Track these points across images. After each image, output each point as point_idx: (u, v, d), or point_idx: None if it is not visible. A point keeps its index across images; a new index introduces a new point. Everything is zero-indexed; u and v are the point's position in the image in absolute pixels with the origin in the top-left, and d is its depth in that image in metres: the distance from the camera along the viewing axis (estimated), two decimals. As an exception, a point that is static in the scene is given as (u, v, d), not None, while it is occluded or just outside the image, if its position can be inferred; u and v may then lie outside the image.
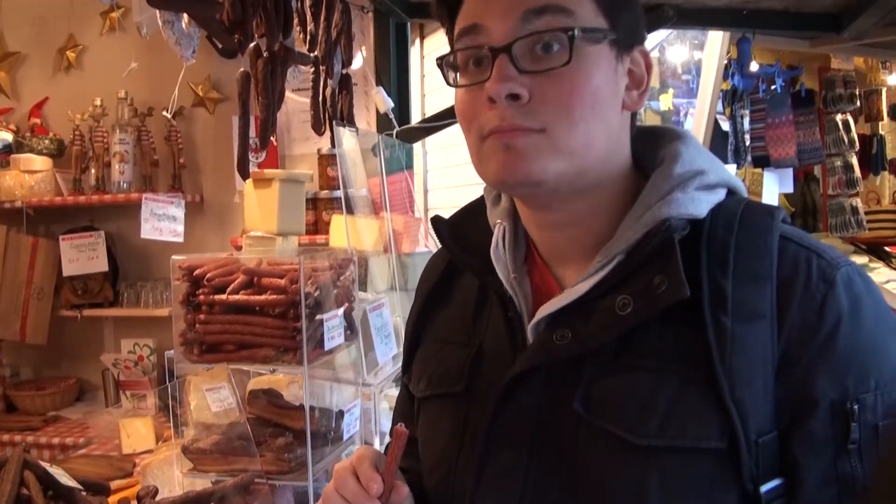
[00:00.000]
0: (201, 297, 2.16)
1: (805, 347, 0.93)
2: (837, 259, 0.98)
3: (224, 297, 2.14)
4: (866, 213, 4.91)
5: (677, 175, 1.02)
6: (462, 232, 1.20)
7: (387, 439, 2.55)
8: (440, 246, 1.29)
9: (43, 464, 2.16)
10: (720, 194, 1.04)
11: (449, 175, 4.39)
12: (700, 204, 1.01)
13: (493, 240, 1.13)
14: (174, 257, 2.24)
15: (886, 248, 4.71)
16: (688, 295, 0.93)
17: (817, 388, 0.92)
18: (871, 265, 4.51)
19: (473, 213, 1.23)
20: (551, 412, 1.01)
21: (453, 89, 1.07)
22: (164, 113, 3.87)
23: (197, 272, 2.18)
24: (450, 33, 1.09)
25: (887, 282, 4.21)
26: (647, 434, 0.93)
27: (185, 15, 2.28)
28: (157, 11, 2.24)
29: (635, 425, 0.94)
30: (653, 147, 1.11)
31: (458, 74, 1.04)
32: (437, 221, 1.22)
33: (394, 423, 1.43)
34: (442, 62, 1.05)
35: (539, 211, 1.08)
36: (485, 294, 1.17)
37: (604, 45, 0.99)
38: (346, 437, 2.36)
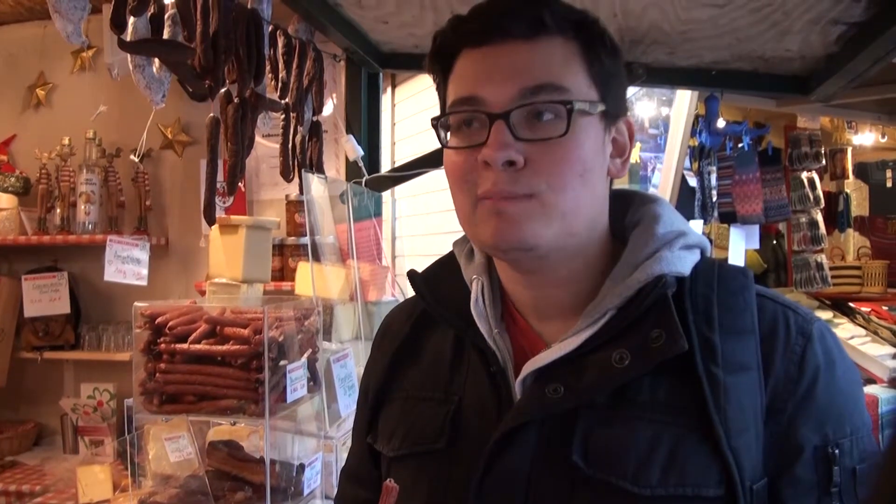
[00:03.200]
0: (162, 345, 2.12)
1: (789, 397, 0.98)
2: (810, 315, 1.05)
3: (185, 346, 2.11)
4: (831, 269, 4.95)
5: (661, 235, 1.06)
6: (438, 287, 1.20)
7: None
8: (407, 296, 1.28)
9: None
10: (697, 254, 1.08)
11: (417, 223, 4.38)
12: (685, 263, 1.05)
13: (472, 295, 1.14)
14: (136, 304, 2.20)
15: (850, 304, 4.75)
16: (686, 348, 0.97)
17: (801, 435, 0.97)
18: (836, 321, 4.53)
19: (446, 268, 1.23)
20: (545, 467, 1.00)
21: (423, 138, 1.09)
22: (132, 156, 3.84)
23: (159, 320, 2.15)
24: (440, 89, 1.12)
25: (851, 337, 4.23)
26: (649, 484, 0.94)
27: (157, 59, 2.27)
28: (129, 55, 2.23)
29: (637, 475, 0.95)
30: (623, 210, 1.14)
31: (448, 134, 1.06)
32: (413, 276, 1.22)
33: (339, 486, 1.39)
34: (437, 123, 1.07)
35: (525, 274, 1.09)
36: (460, 349, 1.16)
37: (595, 116, 1.02)
38: (306, 492, 2.32)
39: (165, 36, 2.17)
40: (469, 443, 1.07)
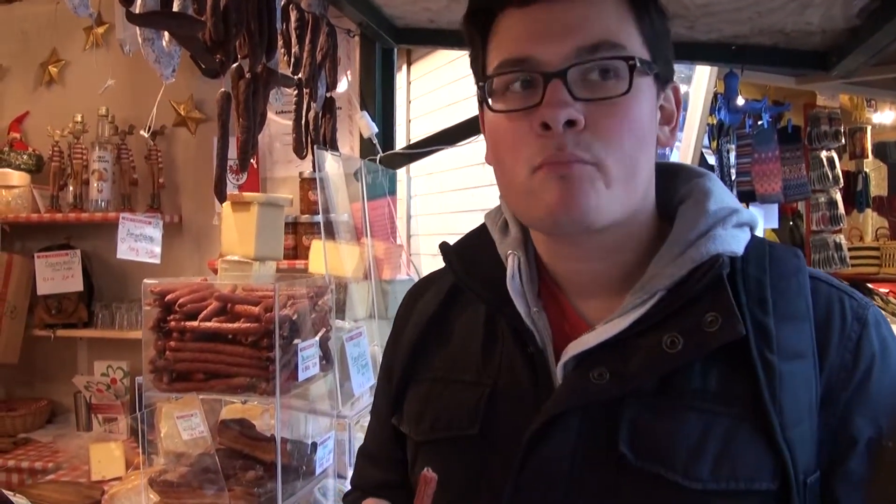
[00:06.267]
0: (172, 323, 2.10)
1: (844, 387, 0.94)
2: (865, 300, 1.01)
3: (196, 323, 2.08)
4: (849, 250, 4.92)
5: (713, 212, 1.01)
6: (471, 261, 1.14)
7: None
8: (421, 275, 1.23)
9: (6, 493, 2.09)
10: (748, 233, 1.03)
11: (433, 202, 4.35)
12: (739, 242, 0.99)
13: (509, 271, 1.08)
14: (146, 281, 2.18)
15: (869, 285, 4.72)
16: (743, 333, 0.92)
17: (855, 427, 0.93)
18: (854, 302, 4.50)
19: (479, 242, 1.17)
20: (589, 457, 0.95)
21: (439, 116, 1.04)
22: (142, 132, 3.82)
23: (169, 297, 2.12)
24: (477, 52, 1.06)
25: (870, 319, 4.20)
26: (700, 477, 0.90)
27: (166, 33, 2.24)
28: (138, 28, 2.20)
29: (688, 468, 0.91)
30: (669, 184, 1.09)
31: (491, 100, 1.00)
32: (445, 250, 1.16)
33: (357, 467, 1.34)
34: (484, 86, 1.01)
35: (565, 245, 1.04)
36: (493, 328, 1.10)
37: (650, 78, 0.98)
38: (318, 470, 2.30)
39: (175, 8, 2.13)
40: (505, 429, 1.02)
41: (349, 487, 1.35)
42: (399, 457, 1.19)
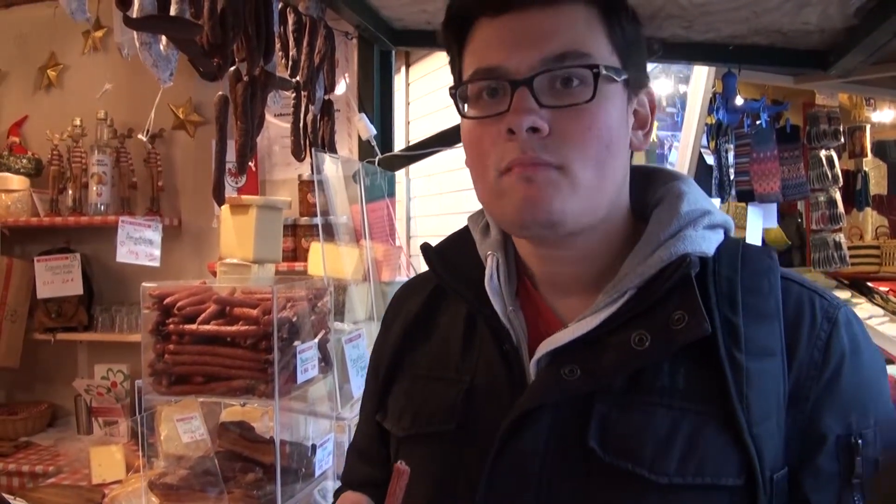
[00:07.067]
0: (171, 326, 2.10)
1: (812, 385, 0.96)
2: (836, 299, 1.02)
3: (194, 326, 2.09)
4: (849, 249, 4.90)
5: (685, 213, 1.04)
6: (452, 262, 1.17)
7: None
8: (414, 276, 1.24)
9: (7, 496, 2.10)
10: (721, 234, 1.05)
11: (432, 203, 4.35)
12: (710, 243, 1.02)
13: (487, 272, 1.11)
14: (144, 284, 2.18)
15: (869, 284, 4.71)
16: (709, 331, 0.94)
17: (824, 424, 0.95)
18: (854, 300, 4.50)
19: (460, 243, 1.20)
20: (560, 451, 0.98)
21: (438, 118, 1.06)
22: (141, 136, 3.82)
23: (167, 300, 2.13)
24: (455, 61, 1.10)
25: (869, 317, 4.20)
26: (666, 472, 0.92)
27: (164, 37, 2.24)
28: (136, 32, 2.20)
29: (655, 463, 0.93)
30: (646, 186, 1.12)
31: (466, 107, 1.04)
32: (426, 250, 1.19)
33: (347, 463, 1.36)
34: (455, 93, 1.05)
35: (544, 248, 1.07)
36: (472, 327, 1.13)
37: (619, 84, 1.00)
38: (318, 472, 2.30)
39: (172, 12, 2.13)
40: (481, 424, 1.04)
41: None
42: (384, 454, 1.22)
